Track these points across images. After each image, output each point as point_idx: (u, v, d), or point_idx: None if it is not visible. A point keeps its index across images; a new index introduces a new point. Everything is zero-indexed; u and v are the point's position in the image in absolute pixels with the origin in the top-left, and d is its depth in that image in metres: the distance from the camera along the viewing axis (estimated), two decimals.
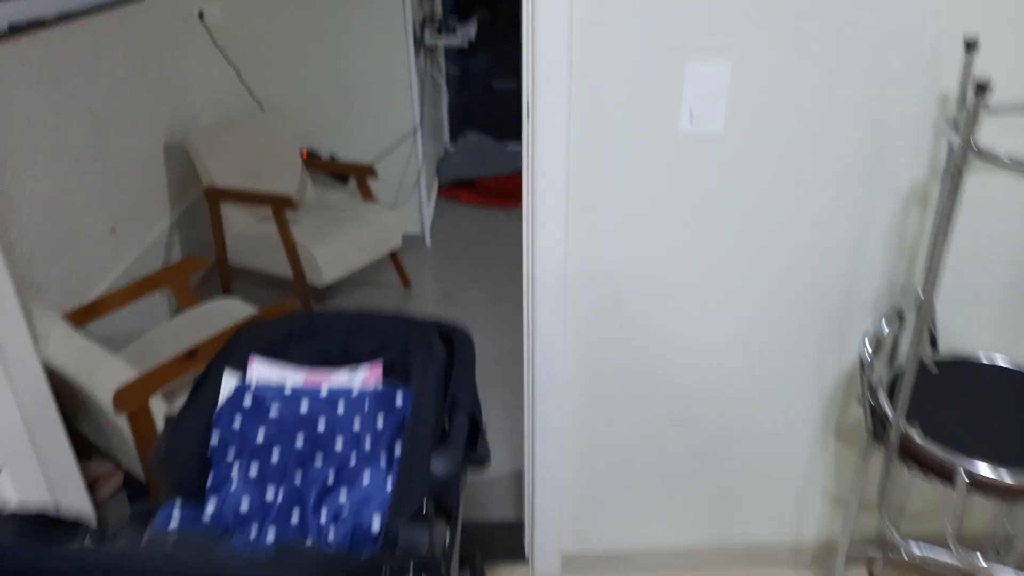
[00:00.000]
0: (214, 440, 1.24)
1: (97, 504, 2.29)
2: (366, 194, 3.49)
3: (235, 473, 1.21)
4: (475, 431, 1.17)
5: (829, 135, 1.38)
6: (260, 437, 1.23)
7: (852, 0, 1.27)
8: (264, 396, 1.25)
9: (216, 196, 3.17)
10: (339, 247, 3.12)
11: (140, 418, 1.95)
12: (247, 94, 3.71)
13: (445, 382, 1.20)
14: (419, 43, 3.75)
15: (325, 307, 3.36)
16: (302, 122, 3.78)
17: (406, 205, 3.98)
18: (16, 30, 2.24)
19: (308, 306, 3.12)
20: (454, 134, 5.03)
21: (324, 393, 1.24)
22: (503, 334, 3.15)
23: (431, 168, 4.41)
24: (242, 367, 1.31)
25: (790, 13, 1.28)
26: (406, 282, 3.56)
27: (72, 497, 1.85)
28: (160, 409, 2.01)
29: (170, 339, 2.39)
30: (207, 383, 1.29)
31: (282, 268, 3.14)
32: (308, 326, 1.33)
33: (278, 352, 1.33)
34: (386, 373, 1.27)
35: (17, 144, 2.27)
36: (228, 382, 1.29)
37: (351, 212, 3.32)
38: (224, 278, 3.39)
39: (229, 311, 2.52)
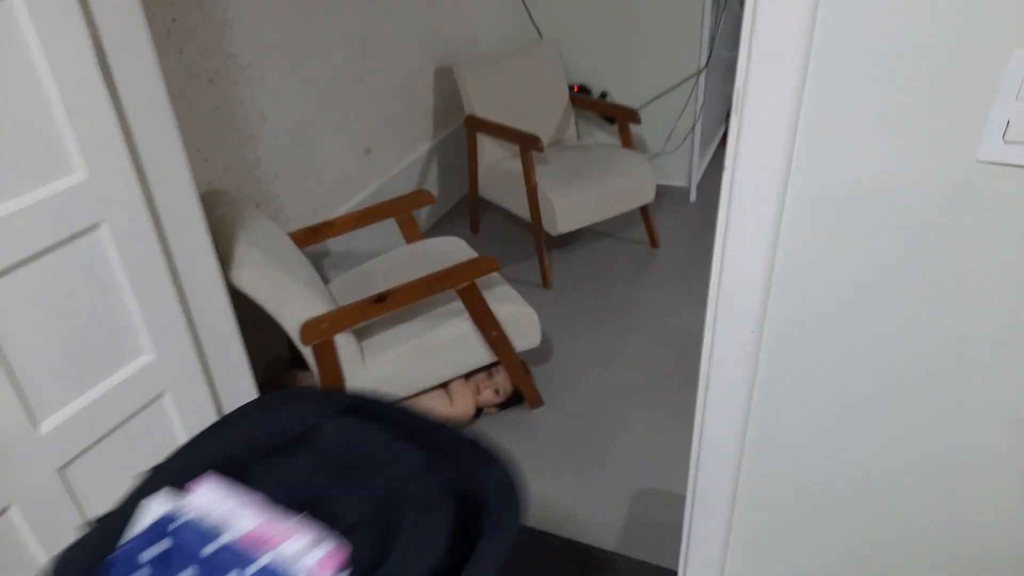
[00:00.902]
0: None
1: None
2: (627, 140, 3.17)
3: None
4: None
5: None
6: None
7: None
8: (183, 546, 0.88)
9: (474, 126, 3.09)
10: (580, 197, 2.88)
11: (325, 351, 1.96)
12: (524, 22, 3.53)
13: None
14: None
15: (562, 258, 3.17)
16: (578, 55, 3.53)
17: (676, 153, 3.57)
18: None
19: (541, 256, 2.95)
20: None
21: (253, 571, 0.85)
22: None
23: (718, 114, 3.91)
24: (188, 480, 0.95)
25: None
26: (654, 242, 3.22)
27: None
28: (348, 345, 2.00)
29: (382, 272, 2.38)
30: (128, 506, 0.94)
31: (523, 210, 3.00)
32: (309, 432, 0.95)
33: (249, 463, 0.95)
34: (352, 562, 0.85)
35: (277, 64, 2.35)
36: (155, 507, 0.93)
37: (605, 160, 3.03)
38: (472, 211, 3.35)
39: (447, 252, 2.44)
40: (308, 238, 2.32)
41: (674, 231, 3.32)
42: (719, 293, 1.05)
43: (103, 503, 1.54)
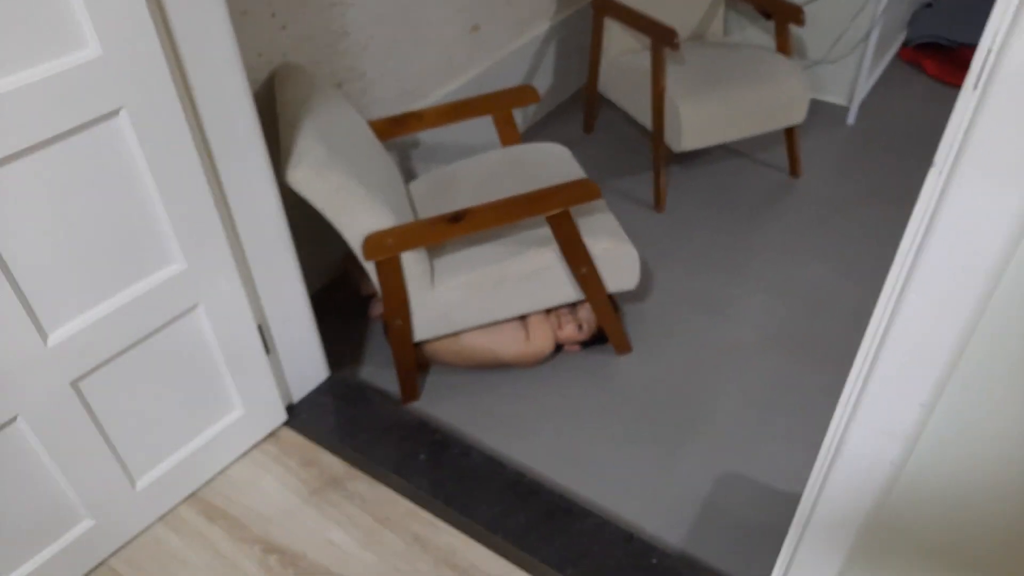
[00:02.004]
0: None
1: (371, 318, 2.25)
2: (783, 44, 2.64)
3: None
4: None
5: None
6: None
7: None
8: None
9: (602, 8, 2.65)
10: (713, 110, 2.44)
11: (389, 269, 1.73)
12: None
13: None
14: None
15: (682, 176, 2.77)
16: None
17: (840, 64, 3.00)
18: None
19: (658, 173, 2.56)
20: None
21: None
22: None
23: (899, 18, 3.24)
24: None
25: None
26: (795, 170, 2.75)
27: (293, 329, 1.74)
28: (416, 264, 1.76)
29: (469, 178, 2.09)
30: None
31: (645, 116, 2.59)
32: None
33: None
34: None
35: None
36: None
37: (752, 66, 2.55)
38: (588, 108, 2.96)
39: (546, 163, 2.11)
40: (391, 130, 2.05)
41: (822, 159, 2.82)
42: (882, 339, 0.72)
43: (124, 418, 1.42)
